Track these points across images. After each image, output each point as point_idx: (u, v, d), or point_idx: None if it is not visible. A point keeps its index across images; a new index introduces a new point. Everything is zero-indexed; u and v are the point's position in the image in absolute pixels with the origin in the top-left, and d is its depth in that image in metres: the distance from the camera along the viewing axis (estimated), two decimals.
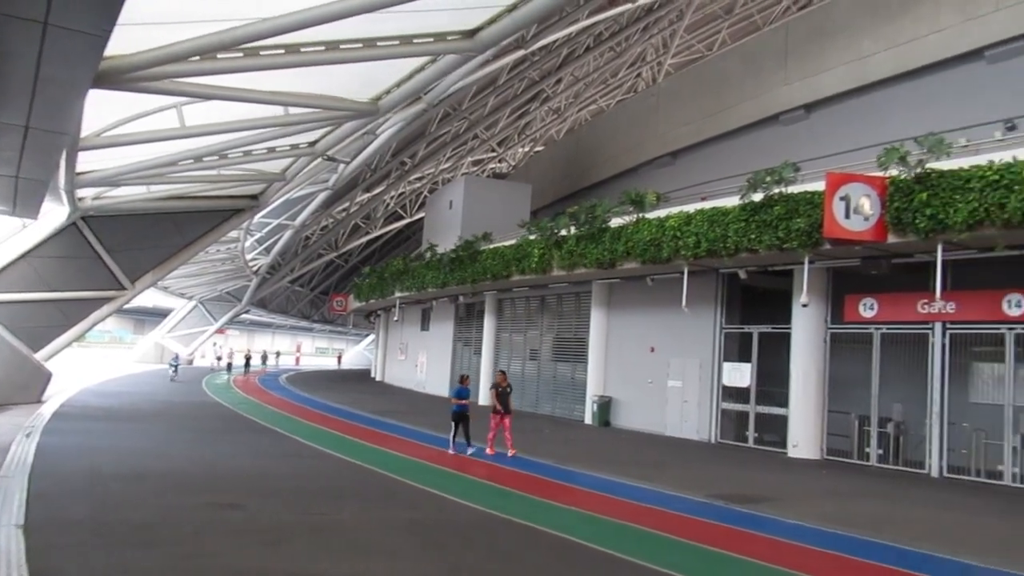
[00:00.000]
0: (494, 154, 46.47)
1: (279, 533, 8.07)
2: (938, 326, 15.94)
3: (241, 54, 11.12)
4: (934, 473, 15.64)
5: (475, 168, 47.76)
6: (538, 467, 13.97)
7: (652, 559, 7.82)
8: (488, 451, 15.31)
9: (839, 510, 11.57)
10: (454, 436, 15.37)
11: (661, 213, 19.59)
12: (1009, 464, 14.71)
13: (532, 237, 24.29)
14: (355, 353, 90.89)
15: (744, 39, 33.65)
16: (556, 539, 8.61)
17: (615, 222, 20.81)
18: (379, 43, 11.44)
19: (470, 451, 15.19)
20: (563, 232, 22.55)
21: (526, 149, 47.93)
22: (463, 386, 16.12)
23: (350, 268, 63.62)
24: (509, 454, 14.96)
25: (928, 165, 14.08)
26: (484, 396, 27.26)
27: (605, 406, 23.54)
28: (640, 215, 20.06)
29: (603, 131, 36.83)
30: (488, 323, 30.98)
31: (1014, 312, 14.80)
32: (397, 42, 11.43)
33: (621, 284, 23.32)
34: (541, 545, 8.39)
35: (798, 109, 23.72)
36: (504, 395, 15.70)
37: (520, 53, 27.14)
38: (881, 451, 16.78)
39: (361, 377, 50.22)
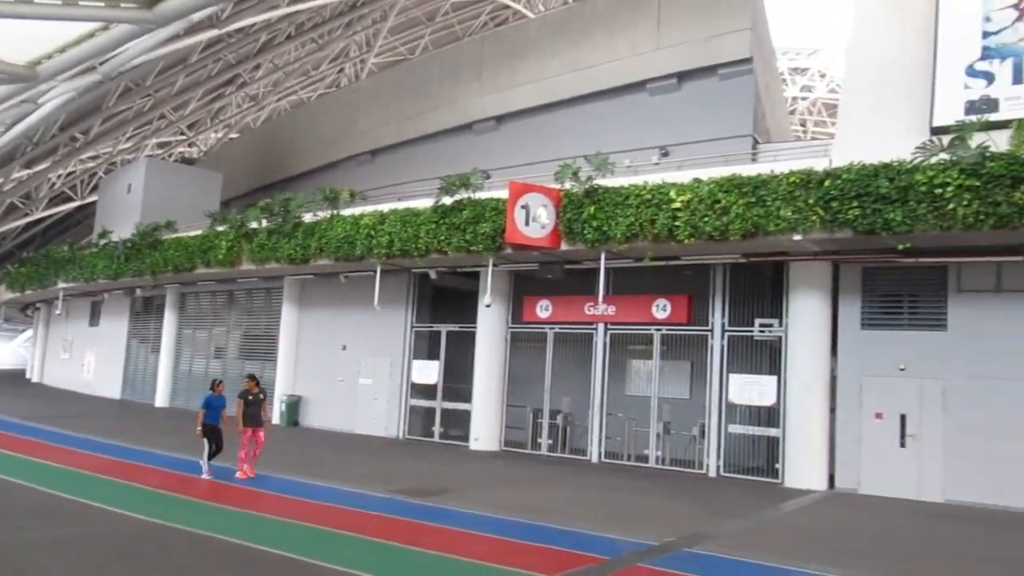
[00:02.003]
0: (183, 137, 43.15)
1: None
2: (601, 326, 17.75)
3: None
4: (594, 459, 17.36)
5: (160, 151, 44.02)
6: (216, 472, 13.18)
7: (329, 558, 7.77)
8: (239, 474, 12.60)
9: (511, 498, 12.38)
10: (208, 455, 12.66)
11: (356, 211, 19.59)
12: (653, 449, 16.79)
13: (221, 228, 23.00)
14: (8, 351, 79.37)
15: (444, 47, 34.79)
16: (230, 545, 8.23)
17: (309, 217, 20.41)
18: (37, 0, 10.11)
19: (205, 474, 12.54)
20: (254, 224, 21.65)
21: (219, 135, 45.16)
22: (215, 394, 13.09)
23: (4, 253, 55.43)
24: (243, 473, 12.62)
25: (596, 182, 15.61)
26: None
27: (294, 405, 22.97)
28: (335, 212, 19.88)
29: (303, 123, 35.90)
30: (169, 318, 28.74)
31: (661, 315, 16.94)
32: (59, 1, 10.18)
33: (314, 281, 22.94)
34: (213, 552, 7.96)
35: (490, 120, 24.97)
36: (255, 404, 12.97)
37: (214, 33, 25.49)
38: (551, 441, 18.29)
39: (14, 378, 43.94)
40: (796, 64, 45.73)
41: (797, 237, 13.51)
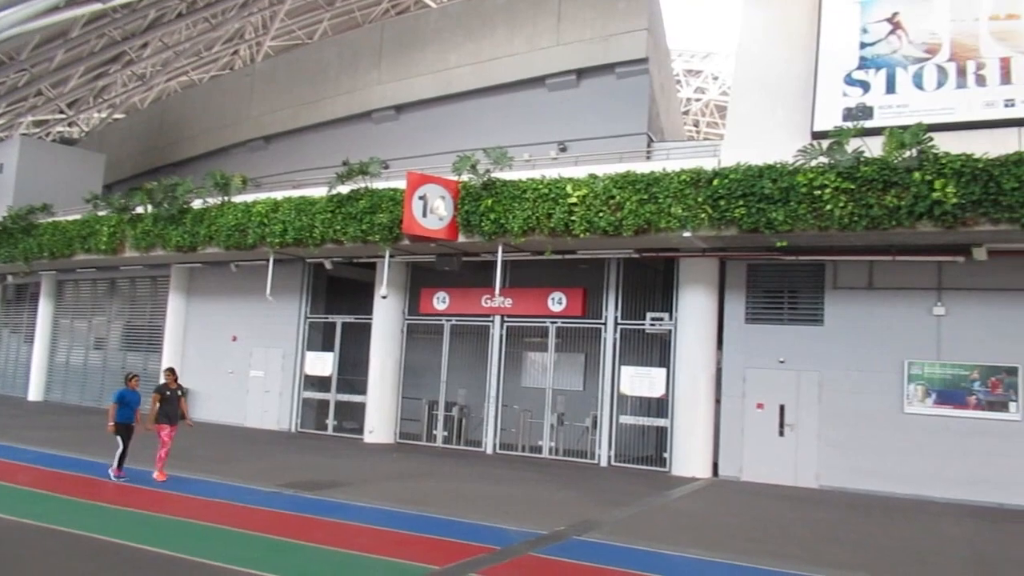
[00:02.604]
0: (63, 116, 40.78)
1: None
2: (497, 319, 17.89)
3: None
4: (489, 451, 17.48)
5: (37, 129, 41.52)
6: (92, 467, 12.57)
7: (213, 555, 7.53)
8: (157, 476, 11.67)
9: (403, 490, 12.30)
10: (120, 456, 11.69)
11: (249, 198, 19.02)
12: (547, 440, 17.06)
13: (102, 213, 21.91)
14: None
15: (344, 32, 34.10)
16: (106, 544, 7.84)
17: (199, 203, 19.67)
18: None
19: (115, 475, 11.58)
20: (140, 210, 20.70)
21: (103, 115, 42.92)
22: (129, 388, 11.98)
23: None
24: (155, 476, 11.69)
25: (494, 175, 15.67)
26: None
27: None
28: (226, 198, 19.24)
29: (194, 106, 34.49)
30: (44, 307, 27.18)
31: (556, 308, 17.20)
32: None
33: (203, 269, 22.16)
34: (88, 552, 7.57)
35: (390, 109, 24.65)
36: (172, 400, 12.12)
37: (97, 7, 24.19)
38: (446, 433, 18.31)
39: None
40: (690, 66, 47.06)
41: (687, 234, 13.94)
